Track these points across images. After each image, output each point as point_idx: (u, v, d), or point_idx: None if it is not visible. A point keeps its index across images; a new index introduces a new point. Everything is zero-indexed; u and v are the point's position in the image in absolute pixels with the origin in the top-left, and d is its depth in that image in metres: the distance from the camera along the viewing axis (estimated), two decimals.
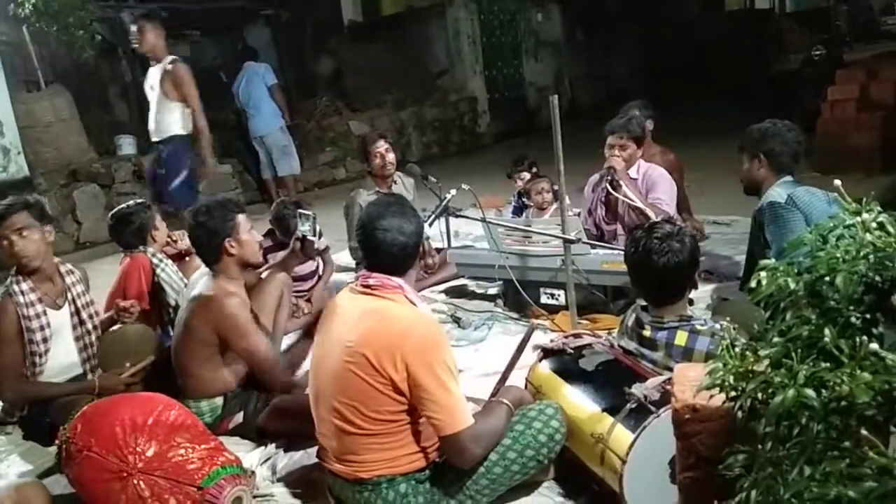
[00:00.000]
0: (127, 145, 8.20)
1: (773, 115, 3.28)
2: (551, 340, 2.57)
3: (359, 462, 2.05)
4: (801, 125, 3.25)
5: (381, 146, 4.59)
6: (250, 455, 2.71)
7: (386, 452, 2.04)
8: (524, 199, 5.21)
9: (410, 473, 2.07)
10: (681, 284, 2.42)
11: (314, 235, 3.10)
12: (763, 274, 1.17)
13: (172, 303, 3.62)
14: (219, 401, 2.86)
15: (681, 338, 2.35)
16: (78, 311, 3.15)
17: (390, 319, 2.03)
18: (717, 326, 2.32)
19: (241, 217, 2.88)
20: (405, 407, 2.01)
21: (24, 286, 3.01)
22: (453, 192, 3.78)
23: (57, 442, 2.43)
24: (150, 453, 2.22)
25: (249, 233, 2.90)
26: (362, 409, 2.00)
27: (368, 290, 2.10)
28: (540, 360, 2.53)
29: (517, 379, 2.52)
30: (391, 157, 4.60)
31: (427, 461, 2.10)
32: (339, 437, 2.07)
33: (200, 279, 2.94)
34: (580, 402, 2.25)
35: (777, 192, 3.08)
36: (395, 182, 4.74)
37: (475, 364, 3.37)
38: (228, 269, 2.86)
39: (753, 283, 1.19)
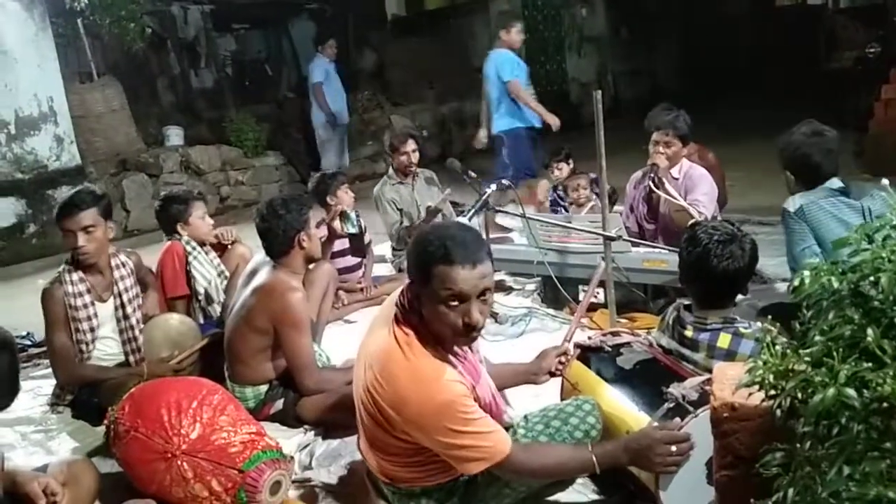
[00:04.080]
0: (174, 136, 8.39)
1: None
2: (589, 338, 2.56)
3: (390, 476, 2.07)
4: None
5: (410, 146, 4.77)
6: (290, 441, 2.77)
7: (414, 470, 2.03)
8: (559, 193, 5.19)
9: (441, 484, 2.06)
10: (734, 290, 2.38)
11: (360, 231, 3.15)
12: (806, 273, 1.16)
13: (202, 290, 3.70)
14: (263, 388, 2.91)
15: (724, 340, 2.32)
16: (123, 305, 3.21)
17: (388, 379, 1.90)
18: (760, 327, 2.28)
19: (311, 212, 2.94)
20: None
21: (75, 276, 3.10)
22: (493, 187, 3.79)
23: (105, 422, 2.51)
24: (193, 436, 2.28)
25: (317, 228, 2.95)
26: (386, 439, 1.99)
27: (395, 317, 1.98)
28: (577, 358, 2.53)
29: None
30: (416, 157, 4.80)
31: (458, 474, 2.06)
32: (371, 451, 2.08)
33: (261, 269, 2.93)
34: (617, 400, 2.24)
35: (791, 199, 2.97)
36: (416, 176, 4.90)
37: (512, 360, 3.37)
38: (294, 263, 2.89)
39: (796, 283, 1.18)
